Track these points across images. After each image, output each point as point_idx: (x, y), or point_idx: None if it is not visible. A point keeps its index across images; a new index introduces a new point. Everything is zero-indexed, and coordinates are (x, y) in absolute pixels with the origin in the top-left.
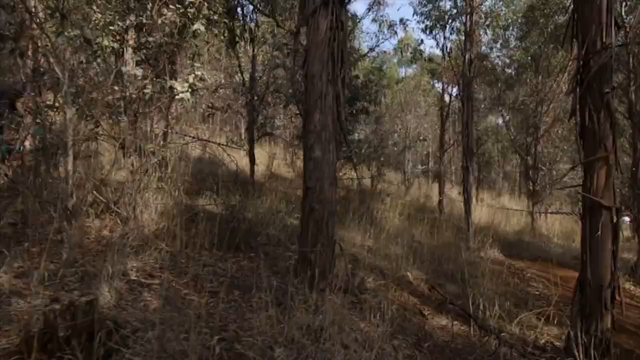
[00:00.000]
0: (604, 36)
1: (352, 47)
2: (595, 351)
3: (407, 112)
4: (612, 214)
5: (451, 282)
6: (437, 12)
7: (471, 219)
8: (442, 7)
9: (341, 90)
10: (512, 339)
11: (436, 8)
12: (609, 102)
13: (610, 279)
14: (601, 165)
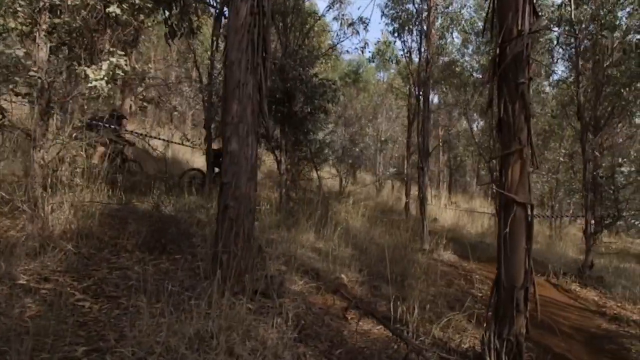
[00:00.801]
0: (519, 23)
1: (313, 45)
2: (507, 357)
3: (379, 114)
4: (526, 210)
5: (389, 284)
6: (402, 15)
7: (426, 221)
8: (407, 10)
9: (263, 80)
10: (435, 342)
11: (401, 10)
12: (524, 93)
13: (524, 279)
14: (515, 159)
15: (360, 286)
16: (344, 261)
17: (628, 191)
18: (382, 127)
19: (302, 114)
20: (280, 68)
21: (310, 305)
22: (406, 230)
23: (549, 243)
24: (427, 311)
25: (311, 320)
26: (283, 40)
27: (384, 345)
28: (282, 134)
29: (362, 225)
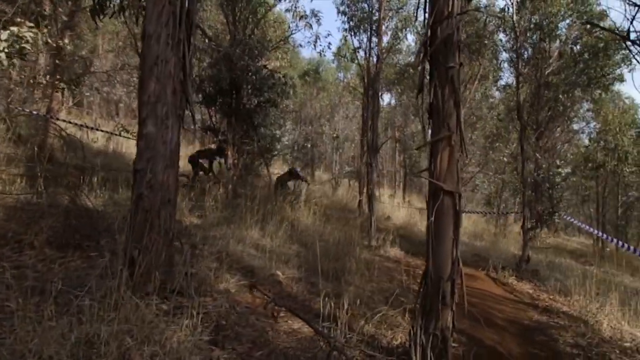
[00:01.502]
0: (450, 4)
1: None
2: (432, 352)
3: (336, 114)
4: (454, 199)
5: (328, 281)
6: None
7: (374, 217)
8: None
9: (187, 58)
10: (364, 339)
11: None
12: (453, 78)
13: (451, 271)
14: (444, 146)
15: (297, 283)
16: (285, 258)
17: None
18: (339, 126)
19: (250, 106)
20: (226, 56)
21: (235, 304)
22: (355, 228)
23: (493, 240)
24: (362, 307)
25: (234, 320)
26: (232, 29)
27: (310, 344)
28: (229, 126)
29: (313, 222)
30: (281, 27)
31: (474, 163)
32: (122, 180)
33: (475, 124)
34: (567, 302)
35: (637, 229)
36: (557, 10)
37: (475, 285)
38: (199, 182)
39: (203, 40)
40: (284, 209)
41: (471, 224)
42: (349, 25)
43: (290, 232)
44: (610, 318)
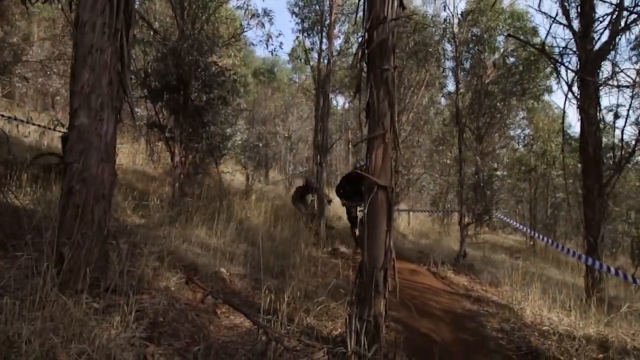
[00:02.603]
0: (385, 11)
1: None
2: (366, 337)
3: (290, 114)
4: (387, 193)
5: (273, 277)
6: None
7: (323, 216)
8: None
9: (126, 49)
10: (304, 330)
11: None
12: (388, 80)
13: (384, 261)
14: (379, 144)
15: (241, 280)
16: (231, 256)
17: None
18: (292, 126)
19: (199, 103)
20: (173, 50)
21: (174, 301)
22: (306, 226)
23: (437, 239)
24: (305, 301)
25: (172, 317)
26: (180, 23)
27: (250, 338)
28: (176, 123)
29: (263, 222)
30: (233, 24)
31: (420, 165)
32: (56, 177)
33: (423, 128)
34: (497, 292)
35: (564, 227)
36: (496, 24)
37: (417, 279)
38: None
39: (149, 33)
40: (233, 208)
41: (418, 224)
42: (302, 27)
43: (239, 231)
44: (532, 305)
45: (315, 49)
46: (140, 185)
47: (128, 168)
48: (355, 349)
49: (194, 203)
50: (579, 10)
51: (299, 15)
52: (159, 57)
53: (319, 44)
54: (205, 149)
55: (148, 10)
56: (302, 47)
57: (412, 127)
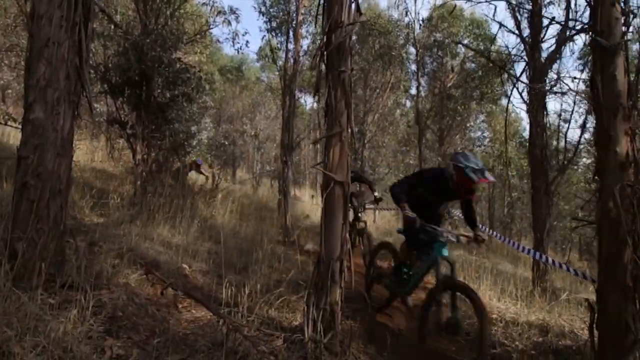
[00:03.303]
0: (343, 15)
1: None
2: (322, 324)
3: (258, 113)
4: (344, 188)
5: (236, 273)
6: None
7: (289, 213)
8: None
9: (84, 42)
10: (265, 321)
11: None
12: (345, 81)
13: (340, 252)
14: (336, 142)
15: (204, 275)
16: (194, 253)
17: None
18: (260, 125)
19: (162, 100)
20: (135, 45)
21: (134, 296)
22: (273, 225)
23: (402, 237)
24: (268, 295)
25: (132, 311)
26: (143, 18)
27: (211, 329)
28: (138, 119)
29: (229, 221)
30: (198, 20)
31: (384, 164)
32: (7, 173)
33: (388, 129)
34: None
35: (519, 224)
36: (457, 30)
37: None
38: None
39: (109, 27)
40: (198, 207)
41: (385, 223)
42: (270, 26)
43: (203, 229)
44: (483, 295)
45: (282, 48)
46: (99, 184)
47: (86, 166)
48: (312, 336)
49: (157, 201)
50: (529, 21)
51: (266, 15)
52: (120, 52)
53: (286, 43)
54: (169, 147)
55: (109, 2)
56: (269, 46)
57: (377, 128)
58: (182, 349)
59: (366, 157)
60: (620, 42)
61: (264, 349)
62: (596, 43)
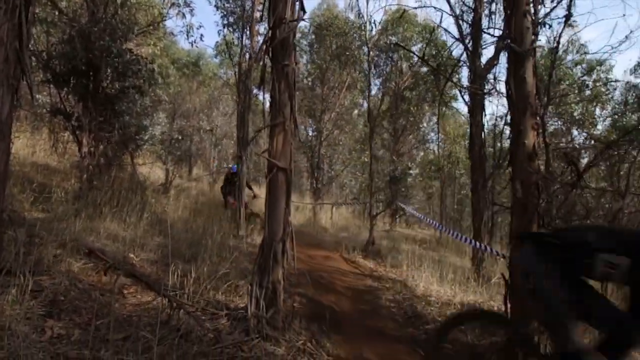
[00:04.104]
0: (287, 12)
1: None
2: (265, 301)
3: (215, 109)
4: (286, 175)
5: (185, 262)
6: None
7: (242, 208)
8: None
9: (25, 26)
10: (210, 303)
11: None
12: (288, 74)
13: (282, 234)
14: (279, 131)
15: (152, 265)
16: (142, 245)
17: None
18: (218, 121)
19: (111, 91)
20: (82, 33)
21: (77, 282)
22: (227, 221)
23: (357, 232)
24: (215, 281)
25: (74, 296)
26: (90, 5)
27: (157, 311)
28: (84, 111)
29: (183, 216)
30: (151, 11)
31: (340, 162)
32: None
33: (345, 127)
34: (397, 273)
35: (468, 220)
36: (411, 35)
37: (328, 263)
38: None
39: (53, 13)
40: (148, 202)
41: (342, 219)
42: (227, 21)
43: (154, 224)
44: (425, 281)
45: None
46: (40, 178)
47: (26, 160)
48: (255, 312)
49: (104, 196)
50: (470, 30)
51: (222, 9)
52: (65, 40)
53: (241, 39)
54: (118, 140)
55: None
56: (225, 41)
57: (334, 126)
58: (126, 328)
59: (323, 154)
60: (530, 48)
61: (208, 325)
62: (510, 49)
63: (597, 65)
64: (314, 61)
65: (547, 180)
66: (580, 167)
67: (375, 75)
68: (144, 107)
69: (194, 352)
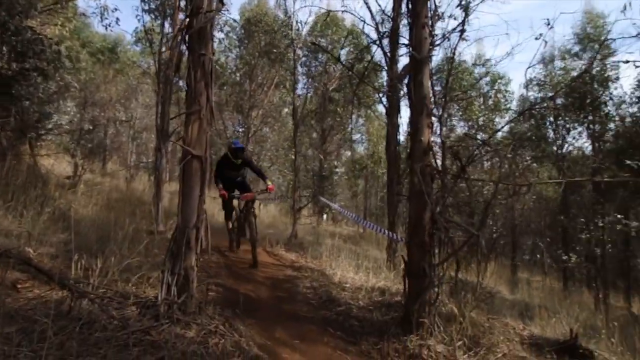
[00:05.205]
0: (204, 2)
1: None
2: (176, 287)
3: (134, 99)
4: (201, 163)
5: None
6: None
7: (161, 203)
8: None
9: None
10: (118, 293)
11: None
12: (204, 64)
13: (196, 221)
14: (195, 119)
15: (53, 259)
16: (42, 239)
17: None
18: (136, 113)
19: (8, 73)
20: None
21: None
22: (144, 217)
23: (284, 229)
24: (125, 273)
25: None
26: None
27: (57, 303)
28: None
29: (93, 212)
30: None
31: (267, 158)
32: None
33: (273, 125)
34: (316, 263)
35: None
36: (339, 38)
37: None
38: None
39: None
40: (52, 197)
41: (270, 217)
42: (149, 7)
43: (58, 220)
44: (342, 270)
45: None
46: None
47: None
48: (165, 298)
49: None
50: (389, 37)
51: None
52: None
53: (161, 27)
54: (15, 127)
55: None
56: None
57: (262, 123)
58: (19, 321)
59: (251, 151)
60: (427, 55)
61: (114, 314)
62: (411, 56)
63: (499, 79)
64: (243, 57)
65: (439, 172)
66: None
67: (303, 74)
68: (48, 93)
69: (96, 338)
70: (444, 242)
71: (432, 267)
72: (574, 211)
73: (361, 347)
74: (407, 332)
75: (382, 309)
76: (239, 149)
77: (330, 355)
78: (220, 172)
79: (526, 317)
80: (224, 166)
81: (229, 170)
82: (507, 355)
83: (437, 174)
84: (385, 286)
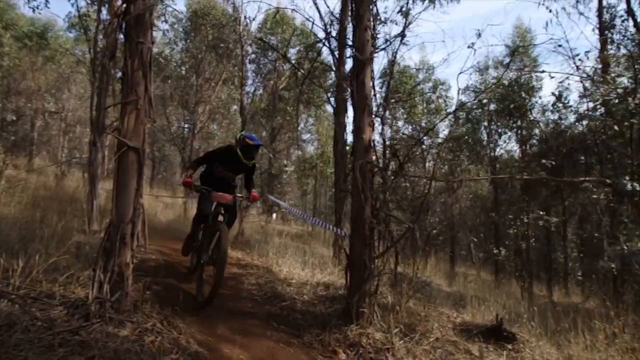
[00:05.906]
0: None
1: None
2: (109, 285)
3: (67, 90)
4: (138, 155)
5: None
6: None
7: (96, 201)
8: None
9: None
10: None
11: None
12: (142, 52)
13: (132, 215)
14: (132, 109)
15: None
16: None
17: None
18: (69, 105)
19: None
20: None
21: None
22: (76, 216)
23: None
24: (52, 273)
25: None
26: None
27: None
28: None
29: (15, 211)
30: None
31: None
32: None
33: (222, 122)
34: (263, 261)
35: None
36: (289, 36)
37: None
38: None
39: None
40: None
41: None
42: None
43: None
44: (289, 267)
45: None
46: None
47: None
48: (97, 297)
49: None
50: (337, 38)
51: None
52: None
53: (98, 13)
54: None
55: None
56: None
57: (209, 119)
58: None
59: (197, 148)
60: (369, 57)
61: (38, 315)
62: (354, 56)
63: (440, 84)
64: (189, 50)
65: (379, 168)
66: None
67: (253, 71)
68: None
69: (17, 340)
70: (383, 236)
71: (372, 260)
72: (504, 208)
73: (304, 339)
74: (348, 323)
75: (326, 302)
76: (256, 147)
77: (272, 348)
78: (211, 166)
79: (460, 306)
80: (223, 161)
81: (229, 169)
82: (439, 340)
83: (378, 170)
84: (330, 281)
